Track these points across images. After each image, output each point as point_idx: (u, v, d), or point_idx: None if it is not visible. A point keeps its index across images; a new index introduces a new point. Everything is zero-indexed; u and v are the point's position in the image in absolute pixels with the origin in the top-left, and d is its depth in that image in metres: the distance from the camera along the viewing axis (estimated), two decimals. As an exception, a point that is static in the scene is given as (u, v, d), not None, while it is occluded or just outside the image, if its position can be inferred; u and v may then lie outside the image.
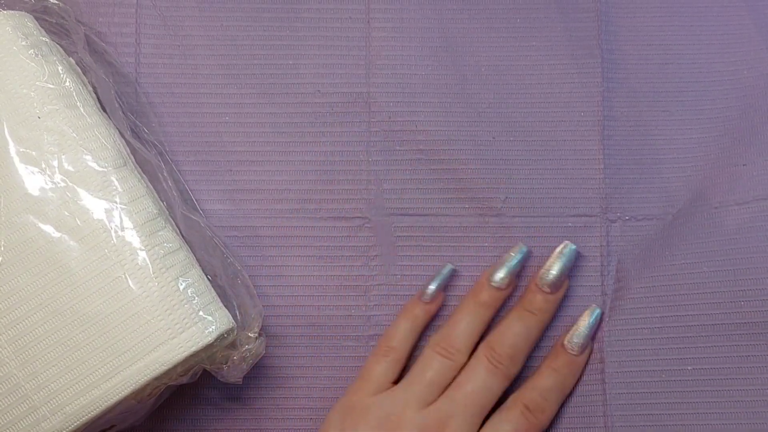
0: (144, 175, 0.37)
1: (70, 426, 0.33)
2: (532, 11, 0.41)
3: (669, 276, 0.40)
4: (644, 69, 0.41)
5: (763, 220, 0.39)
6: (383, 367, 0.38)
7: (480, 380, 0.36)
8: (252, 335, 0.36)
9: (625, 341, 0.39)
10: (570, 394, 0.39)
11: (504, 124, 0.41)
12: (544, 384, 0.37)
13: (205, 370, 0.36)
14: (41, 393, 0.33)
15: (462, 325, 0.38)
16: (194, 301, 0.34)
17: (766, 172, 0.39)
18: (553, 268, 0.39)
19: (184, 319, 0.34)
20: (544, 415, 0.37)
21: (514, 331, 0.38)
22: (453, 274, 0.40)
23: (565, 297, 0.40)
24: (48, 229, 0.34)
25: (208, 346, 0.34)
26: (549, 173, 0.41)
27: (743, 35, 0.41)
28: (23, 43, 0.35)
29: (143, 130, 0.39)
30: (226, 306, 0.36)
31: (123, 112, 0.39)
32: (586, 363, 0.39)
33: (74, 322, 0.33)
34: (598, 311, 0.39)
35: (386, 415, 0.36)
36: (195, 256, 0.37)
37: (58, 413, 0.33)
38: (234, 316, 0.36)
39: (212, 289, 0.36)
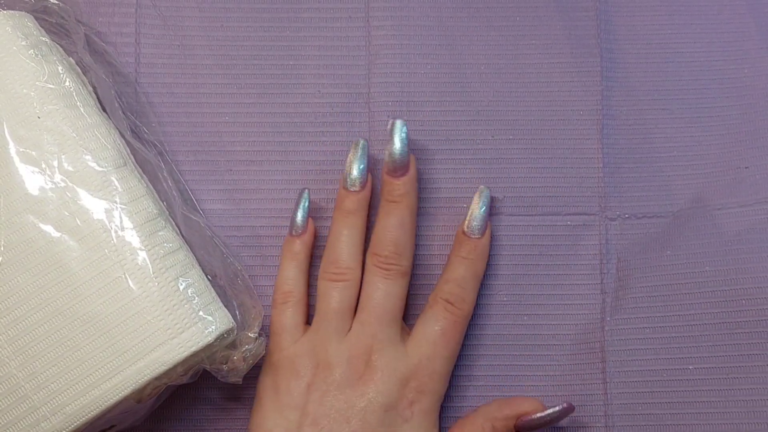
0: (144, 175, 0.37)
1: (70, 426, 0.33)
2: (532, 10, 0.42)
3: (670, 275, 0.40)
4: (644, 68, 0.41)
5: (764, 222, 0.39)
6: (288, 314, 0.37)
7: (380, 290, 0.36)
8: (252, 335, 0.36)
9: (626, 340, 0.39)
10: (569, 394, 0.39)
11: (503, 122, 0.41)
12: (457, 274, 0.37)
13: (205, 370, 0.36)
14: (41, 393, 0.33)
15: (339, 242, 0.37)
16: (194, 301, 0.34)
17: (765, 178, 0.39)
18: (395, 149, 0.37)
19: (184, 319, 0.34)
20: (465, 303, 0.37)
21: (388, 227, 0.37)
22: (311, 197, 0.39)
23: (563, 295, 0.40)
24: (48, 229, 0.34)
25: (208, 346, 0.34)
26: (548, 172, 0.41)
27: (743, 34, 0.41)
28: (23, 43, 0.35)
29: (143, 130, 0.39)
30: (226, 306, 0.36)
31: (123, 112, 0.39)
32: (490, 244, 0.39)
33: (74, 322, 0.33)
34: (486, 192, 0.39)
35: (312, 361, 0.36)
36: (195, 256, 0.37)
37: (58, 413, 0.33)
38: (234, 316, 0.36)
39: (212, 289, 0.36)
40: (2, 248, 0.34)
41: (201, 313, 0.34)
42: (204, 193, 0.40)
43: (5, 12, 0.36)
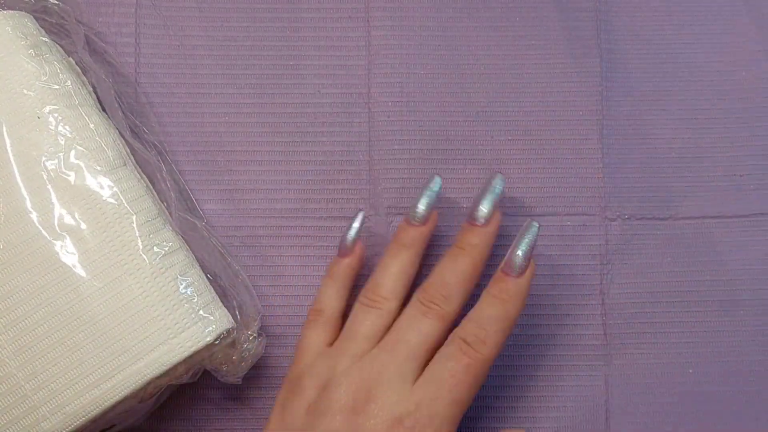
0: (143, 175, 0.37)
1: (70, 426, 0.33)
2: (532, 11, 0.42)
3: (669, 282, 0.40)
4: (643, 69, 0.41)
5: (762, 234, 0.40)
6: (314, 332, 0.36)
7: (411, 324, 0.34)
8: (252, 335, 0.36)
9: (626, 343, 0.40)
10: (570, 394, 0.39)
11: (503, 123, 0.41)
12: (482, 314, 0.34)
13: (205, 370, 0.36)
14: (41, 393, 0.33)
15: (386, 271, 0.36)
16: (194, 301, 0.34)
17: (763, 185, 0.40)
18: (483, 204, 0.36)
19: (184, 318, 0.34)
20: (485, 347, 0.34)
21: (446, 270, 0.35)
22: (366, 222, 0.38)
23: (562, 295, 0.40)
24: (48, 229, 0.34)
25: (208, 346, 0.34)
26: (548, 172, 0.41)
27: (742, 35, 0.42)
28: (23, 42, 0.35)
29: (143, 130, 0.39)
30: (225, 306, 0.36)
31: (123, 112, 0.39)
32: (528, 286, 0.35)
33: (74, 322, 0.33)
34: (535, 226, 0.36)
35: (318, 376, 0.34)
36: (194, 256, 0.37)
37: (58, 413, 0.33)
38: (234, 316, 0.36)
39: (212, 289, 0.36)
40: (2, 248, 0.34)
41: (201, 312, 0.34)
42: (204, 193, 0.40)
43: (5, 12, 0.36)
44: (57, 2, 0.38)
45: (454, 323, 0.35)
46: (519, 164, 0.41)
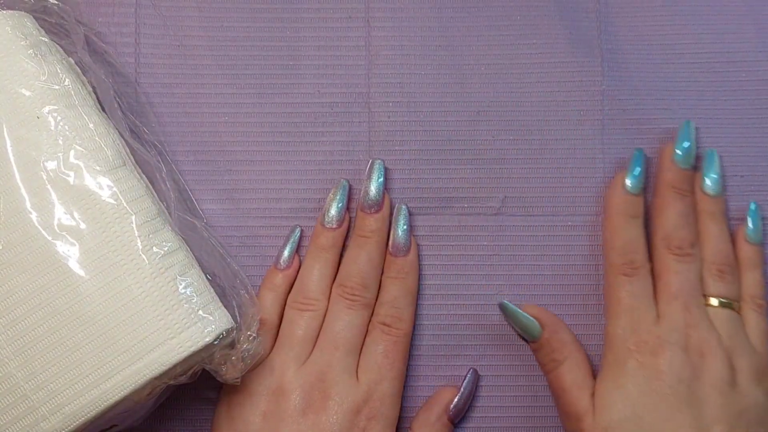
0: (143, 175, 0.37)
1: (69, 426, 0.33)
2: (532, 10, 0.41)
3: None
4: (644, 68, 0.41)
5: (764, 238, 0.40)
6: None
7: (342, 321, 0.38)
8: (251, 335, 0.36)
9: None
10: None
11: (504, 123, 0.41)
12: (389, 295, 0.38)
13: (204, 370, 0.36)
14: (41, 393, 0.33)
15: (311, 274, 0.39)
16: (194, 301, 0.34)
17: (760, 188, 0.40)
18: (371, 188, 0.39)
19: (183, 318, 0.34)
20: (402, 322, 0.38)
21: (357, 261, 0.38)
22: (302, 235, 0.40)
23: (563, 295, 0.40)
24: (48, 229, 0.34)
25: (208, 346, 0.34)
26: (549, 172, 0.41)
27: (743, 36, 0.42)
28: (22, 42, 0.35)
29: (143, 130, 0.39)
30: (225, 306, 0.36)
31: (122, 112, 0.38)
32: (417, 259, 0.40)
33: (74, 322, 0.33)
34: (404, 209, 0.40)
35: (267, 385, 0.36)
36: (194, 256, 0.37)
37: (58, 413, 0.33)
38: (233, 316, 0.36)
39: (211, 289, 0.36)
40: (2, 248, 0.34)
41: (200, 312, 0.34)
42: (204, 193, 0.40)
43: (5, 12, 0.36)
44: (57, 2, 0.38)
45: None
46: (519, 164, 0.41)
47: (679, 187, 0.39)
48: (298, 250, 0.40)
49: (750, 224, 0.39)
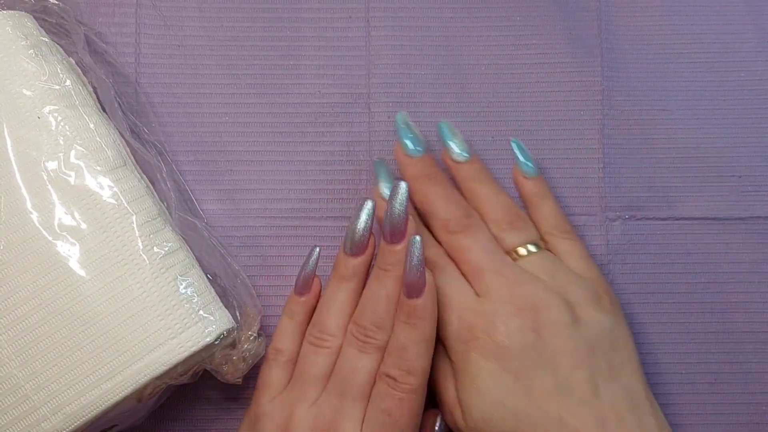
0: (143, 175, 0.37)
1: (70, 426, 0.33)
2: (532, 10, 0.42)
3: (669, 282, 0.40)
4: (644, 68, 0.41)
5: (758, 239, 0.40)
6: (275, 372, 0.36)
7: (351, 363, 0.34)
8: (251, 335, 0.36)
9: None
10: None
11: (504, 123, 0.41)
12: (397, 344, 0.34)
13: (205, 370, 0.36)
14: (41, 393, 0.33)
15: (330, 307, 0.36)
16: (194, 301, 0.34)
17: (760, 189, 0.40)
18: (394, 211, 0.34)
19: (184, 318, 0.34)
20: (412, 377, 0.34)
21: (373, 297, 0.35)
22: (320, 258, 0.37)
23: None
24: (48, 229, 0.34)
25: (208, 346, 0.34)
26: (549, 172, 0.41)
27: (742, 36, 0.42)
28: (23, 43, 0.35)
29: (143, 130, 0.39)
30: (225, 306, 0.36)
31: (123, 112, 0.39)
32: (433, 301, 0.34)
33: (74, 322, 0.33)
34: (417, 241, 0.34)
35: (277, 421, 0.35)
36: (194, 256, 0.37)
37: (59, 413, 0.33)
38: (234, 316, 0.36)
39: (212, 289, 0.36)
40: (2, 248, 0.34)
41: (201, 312, 0.34)
42: (204, 193, 0.40)
43: (5, 12, 0.36)
44: (57, 2, 0.38)
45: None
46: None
47: (428, 173, 0.38)
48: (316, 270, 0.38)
49: (520, 158, 0.39)
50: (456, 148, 0.38)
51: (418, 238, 0.34)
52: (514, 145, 0.39)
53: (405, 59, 0.41)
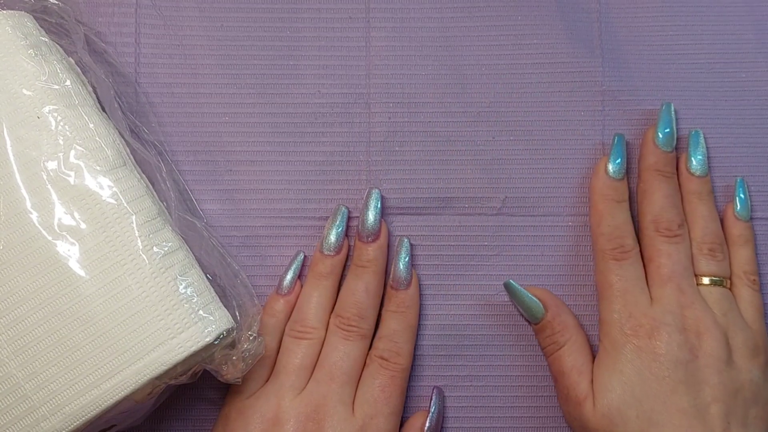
0: (143, 175, 0.37)
1: (69, 426, 0.33)
2: (532, 11, 0.41)
3: None
4: (644, 68, 0.41)
5: (758, 239, 0.40)
6: (254, 368, 0.37)
7: (338, 351, 0.37)
8: (251, 335, 0.36)
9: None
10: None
11: (504, 123, 0.41)
12: (388, 330, 0.38)
13: (205, 370, 0.36)
14: (41, 393, 0.33)
15: (310, 302, 0.38)
16: (194, 301, 0.34)
17: (759, 189, 0.40)
18: (368, 217, 0.39)
19: (183, 318, 0.34)
20: (401, 357, 0.38)
21: (354, 291, 0.38)
22: (306, 262, 0.40)
23: (564, 295, 0.40)
24: (48, 229, 0.34)
25: (208, 346, 0.34)
26: (549, 172, 0.41)
27: (742, 37, 0.42)
28: (23, 42, 0.35)
29: (143, 130, 0.39)
30: (225, 306, 0.36)
31: (122, 112, 0.38)
32: (418, 293, 0.39)
33: (74, 322, 0.33)
34: (406, 242, 0.39)
35: (262, 414, 0.36)
36: (194, 256, 0.37)
37: (58, 413, 0.33)
38: (233, 316, 0.36)
39: (212, 289, 0.36)
40: (2, 248, 0.34)
41: (201, 312, 0.34)
42: (204, 193, 0.40)
43: (5, 12, 0.36)
44: (57, 2, 0.38)
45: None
46: (520, 164, 0.41)
47: (663, 170, 0.39)
48: (300, 275, 0.40)
49: (738, 201, 0.39)
50: (698, 162, 0.39)
51: (406, 239, 0.39)
52: (740, 182, 0.40)
53: (405, 59, 0.41)
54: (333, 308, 0.39)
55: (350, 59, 0.41)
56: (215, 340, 0.34)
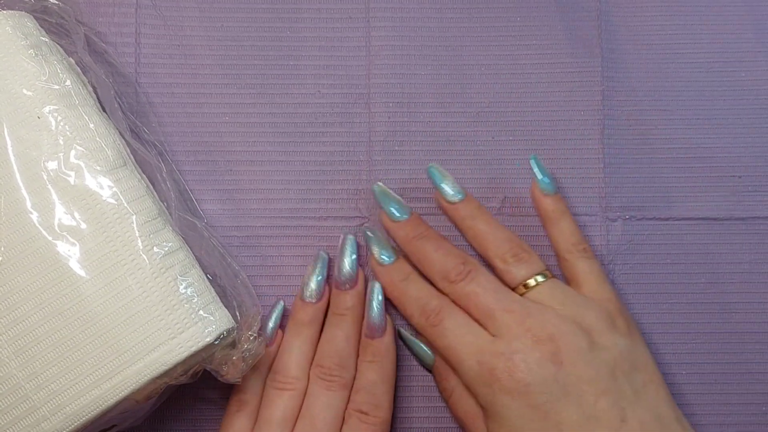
0: (144, 175, 0.37)
1: (70, 426, 0.33)
2: (532, 11, 0.42)
3: (666, 284, 0.40)
4: (644, 68, 0.41)
5: (758, 239, 0.40)
6: (238, 421, 0.37)
7: (320, 402, 0.36)
8: (251, 335, 0.36)
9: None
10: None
11: (504, 123, 0.41)
12: (366, 381, 0.37)
13: (205, 370, 0.36)
14: (41, 393, 0.33)
15: (291, 352, 0.37)
16: (194, 301, 0.34)
17: (759, 189, 0.40)
18: (344, 264, 0.38)
19: (184, 318, 0.34)
20: (380, 410, 0.37)
21: (334, 340, 0.37)
22: (285, 313, 0.39)
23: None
24: (48, 229, 0.34)
25: (208, 346, 0.34)
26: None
27: (742, 37, 0.42)
28: (23, 43, 0.35)
29: (143, 130, 0.39)
30: (225, 306, 0.36)
31: (123, 112, 0.38)
32: (393, 341, 0.38)
33: (74, 322, 0.33)
34: (377, 286, 0.38)
35: None
36: (194, 256, 0.37)
37: (59, 413, 0.33)
38: (234, 316, 0.36)
39: (212, 289, 0.36)
40: (2, 248, 0.34)
41: (201, 312, 0.34)
42: (204, 193, 0.40)
43: (5, 12, 0.36)
44: (57, 2, 0.38)
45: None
46: (519, 164, 0.41)
47: (417, 233, 0.38)
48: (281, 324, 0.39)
49: (539, 176, 0.38)
50: (450, 190, 0.38)
51: (377, 284, 0.38)
52: (532, 162, 0.39)
53: (405, 59, 0.41)
54: (313, 354, 0.38)
55: (350, 59, 0.41)
56: (215, 340, 0.34)
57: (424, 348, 0.38)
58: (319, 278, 0.38)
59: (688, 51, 0.41)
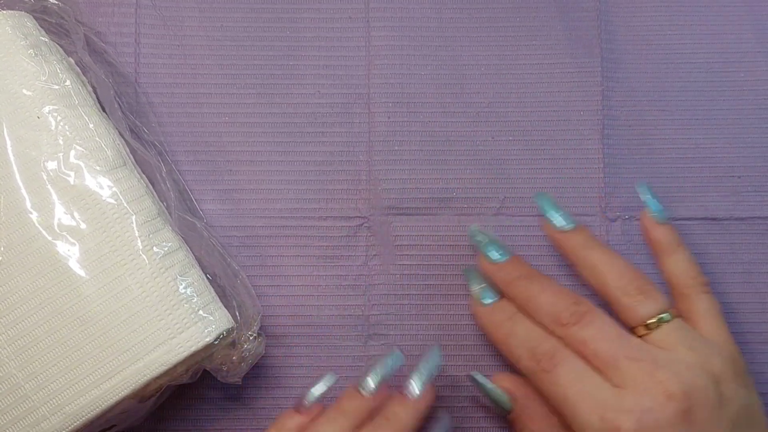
0: (143, 175, 0.37)
1: (69, 426, 0.33)
2: (532, 11, 0.42)
3: (666, 284, 0.40)
4: (644, 69, 0.41)
5: (758, 239, 0.40)
6: None
7: None
8: (251, 335, 0.36)
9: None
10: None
11: (503, 123, 0.41)
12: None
13: (205, 370, 0.36)
14: (41, 393, 0.33)
15: None
16: (194, 301, 0.34)
17: (759, 189, 0.40)
18: (415, 378, 0.34)
19: (183, 318, 0.34)
20: None
21: None
22: (335, 384, 0.36)
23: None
24: (48, 228, 0.34)
25: (208, 346, 0.34)
26: (548, 173, 0.41)
27: (741, 37, 0.42)
28: (23, 43, 0.35)
29: (143, 130, 0.39)
30: (225, 306, 0.36)
31: (122, 112, 0.39)
32: (424, 410, 0.34)
33: (74, 322, 0.33)
34: (436, 354, 0.35)
35: None
36: (194, 256, 0.37)
37: (58, 413, 0.33)
38: (233, 316, 0.36)
39: (212, 289, 0.36)
40: (2, 248, 0.34)
41: (201, 312, 0.34)
42: (204, 193, 0.40)
43: (5, 12, 0.36)
44: (57, 2, 0.38)
45: None
46: (519, 164, 0.41)
47: (520, 273, 0.36)
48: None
49: (651, 205, 0.36)
50: (561, 219, 0.36)
51: (437, 350, 0.35)
52: (642, 189, 0.36)
53: (405, 59, 0.41)
54: None
55: (350, 59, 0.41)
56: (215, 340, 0.34)
57: (502, 395, 0.36)
58: (379, 376, 0.34)
59: (688, 51, 0.41)
